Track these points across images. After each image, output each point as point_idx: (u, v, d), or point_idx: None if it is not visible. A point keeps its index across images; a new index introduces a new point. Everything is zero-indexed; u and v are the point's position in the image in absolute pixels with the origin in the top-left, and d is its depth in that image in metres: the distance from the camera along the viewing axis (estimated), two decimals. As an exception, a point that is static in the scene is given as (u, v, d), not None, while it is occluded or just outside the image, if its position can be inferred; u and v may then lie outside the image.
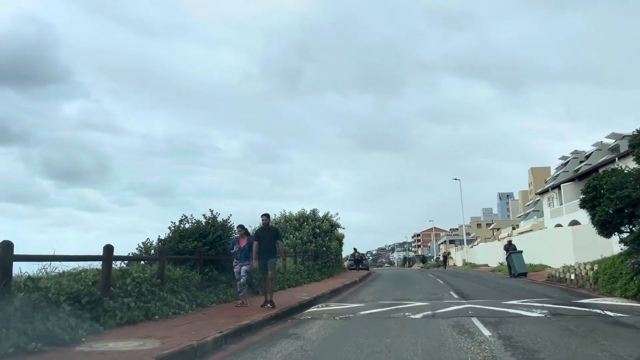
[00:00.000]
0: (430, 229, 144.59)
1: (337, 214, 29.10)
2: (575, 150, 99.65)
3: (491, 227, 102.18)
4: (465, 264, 53.57)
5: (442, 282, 21.65)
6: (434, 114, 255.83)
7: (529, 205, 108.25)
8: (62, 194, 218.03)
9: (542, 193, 48.40)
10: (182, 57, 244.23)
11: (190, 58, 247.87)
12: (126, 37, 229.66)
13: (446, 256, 56.42)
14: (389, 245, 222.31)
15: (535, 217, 69.51)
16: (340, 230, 32.17)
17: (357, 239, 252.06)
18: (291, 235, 25.13)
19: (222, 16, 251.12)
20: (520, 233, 56.33)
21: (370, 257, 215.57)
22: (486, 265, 44.62)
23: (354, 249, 37.61)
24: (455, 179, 55.75)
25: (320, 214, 28.05)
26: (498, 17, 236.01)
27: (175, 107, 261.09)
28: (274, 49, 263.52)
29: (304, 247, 24.47)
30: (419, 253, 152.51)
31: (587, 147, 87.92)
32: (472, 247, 61.30)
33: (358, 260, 36.95)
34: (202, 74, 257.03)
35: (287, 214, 27.37)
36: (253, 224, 15.09)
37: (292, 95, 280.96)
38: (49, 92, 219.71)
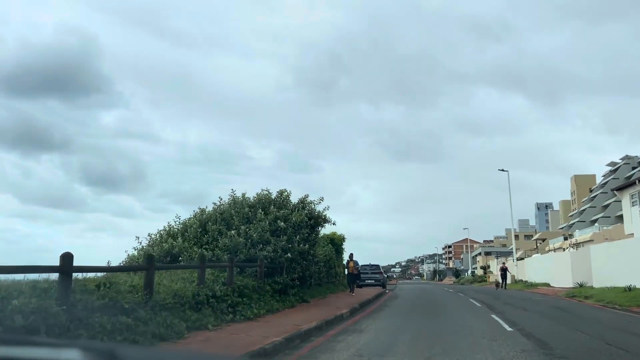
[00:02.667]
0: (464, 240, 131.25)
1: (321, 199, 17.34)
2: (627, 155, 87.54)
3: (534, 238, 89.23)
4: (514, 281, 41.11)
5: (509, 329, 10.48)
6: (467, 125, 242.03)
7: (572, 215, 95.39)
8: (99, 200, 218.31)
9: (621, 189, 36.12)
10: (218, 68, 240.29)
11: (225, 68, 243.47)
12: (165, 49, 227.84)
13: (506, 270, 36.98)
14: (419, 257, 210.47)
15: (597, 224, 56.90)
16: (333, 228, 21.00)
17: (387, 250, 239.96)
18: (234, 232, 14.26)
19: (257, 27, 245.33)
20: (574, 245, 44.08)
21: (399, 269, 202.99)
22: (547, 285, 32.63)
23: (350, 255, 21.80)
24: (502, 170, 43.73)
25: (295, 200, 16.86)
26: (535, 28, 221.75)
27: (210, 117, 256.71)
28: (307, 59, 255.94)
29: (250, 253, 13.60)
30: (450, 265, 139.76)
31: (640, 152, 76.24)
32: (520, 259, 48.78)
33: (353, 274, 21.47)
34: (236, 84, 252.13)
35: (240, 197, 16.56)
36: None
37: (325, 105, 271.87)
38: (90, 102, 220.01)
